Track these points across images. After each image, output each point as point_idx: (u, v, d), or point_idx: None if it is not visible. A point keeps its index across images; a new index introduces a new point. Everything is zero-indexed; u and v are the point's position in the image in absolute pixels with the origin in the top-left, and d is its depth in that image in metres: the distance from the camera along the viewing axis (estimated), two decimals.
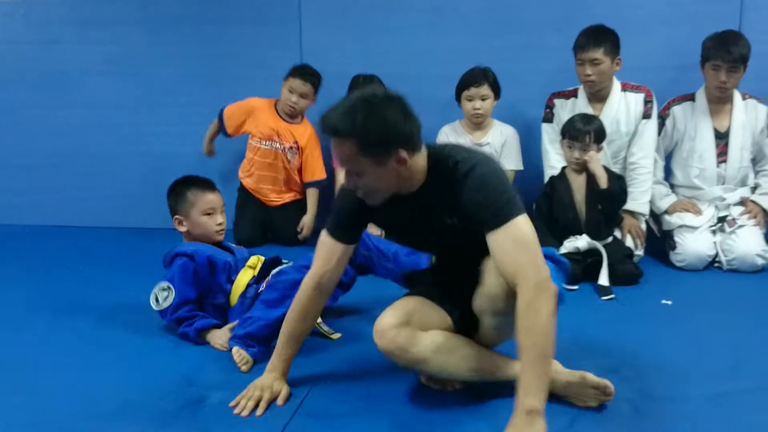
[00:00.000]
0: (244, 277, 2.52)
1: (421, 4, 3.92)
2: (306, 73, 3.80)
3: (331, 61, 3.97)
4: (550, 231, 3.24)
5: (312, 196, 3.95)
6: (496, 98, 3.61)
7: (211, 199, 2.58)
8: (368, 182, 1.85)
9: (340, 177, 3.81)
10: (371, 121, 1.76)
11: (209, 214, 2.57)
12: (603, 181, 3.13)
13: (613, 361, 2.19)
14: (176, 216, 2.59)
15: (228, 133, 3.93)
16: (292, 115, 3.87)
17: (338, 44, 3.99)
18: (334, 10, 4.00)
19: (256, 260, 2.60)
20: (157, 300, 2.45)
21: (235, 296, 2.51)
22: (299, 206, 3.96)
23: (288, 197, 3.97)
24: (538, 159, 3.67)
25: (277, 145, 3.87)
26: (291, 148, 3.88)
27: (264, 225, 3.93)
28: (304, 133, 3.91)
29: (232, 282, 2.52)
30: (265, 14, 4.04)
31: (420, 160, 1.89)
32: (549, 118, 3.60)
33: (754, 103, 3.48)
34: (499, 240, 1.78)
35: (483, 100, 3.56)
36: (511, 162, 3.65)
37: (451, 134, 3.70)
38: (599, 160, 3.20)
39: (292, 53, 4.01)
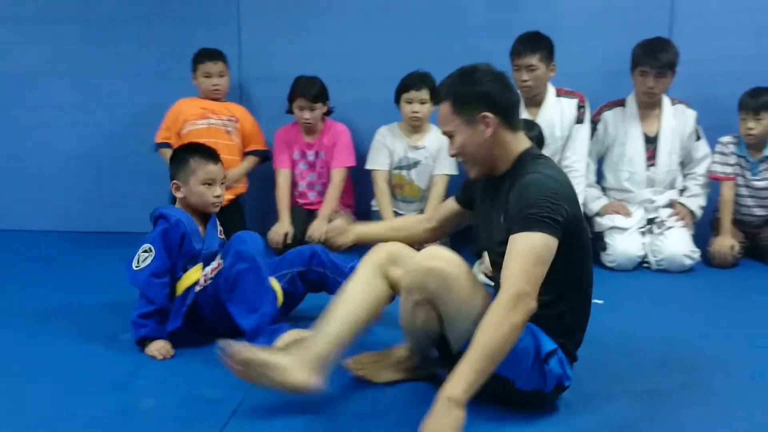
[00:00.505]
0: (194, 274, 2.47)
1: (363, 6, 3.92)
2: (212, 53, 3.75)
3: (270, 62, 3.95)
4: None
5: (249, 159, 3.85)
6: (435, 103, 3.65)
7: (212, 169, 2.52)
8: (460, 142, 1.96)
9: (281, 179, 3.82)
10: (466, 83, 1.94)
11: (208, 184, 2.51)
12: None
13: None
14: (174, 181, 2.54)
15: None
16: (218, 99, 3.80)
17: (278, 45, 3.96)
18: (273, 10, 3.96)
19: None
20: (138, 261, 2.40)
21: (180, 288, 2.44)
22: (240, 205, 3.91)
23: (230, 194, 3.89)
24: None
25: (214, 120, 3.77)
26: (230, 120, 3.79)
27: None
28: (238, 107, 3.85)
29: (185, 270, 2.47)
30: (204, 15, 3.98)
31: (513, 142, 1.96)
32: None
33: (682, 107, 3.60)
34: (511, 243, 1.80)
35: (422, 103, 3.59)
36: (446, 167, 3.68)
37: (388, 136, 3.72)
38: None
39: (230, 54, 3.95)
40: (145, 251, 2.40)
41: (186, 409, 1.99)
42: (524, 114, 3.49)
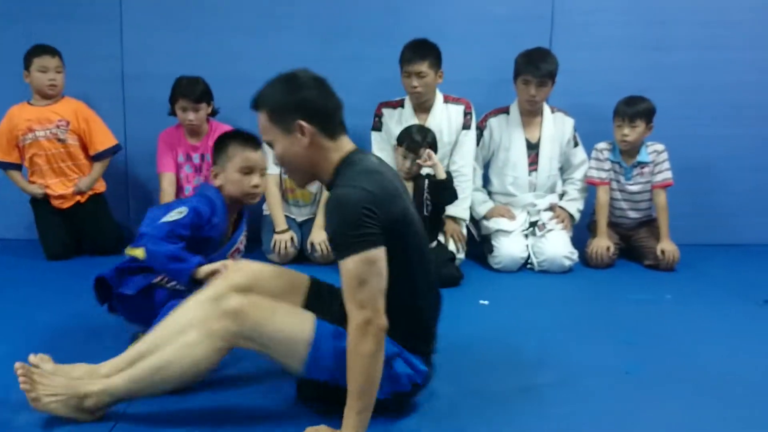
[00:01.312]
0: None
1: (249, 8, 3.88)
2: (50, 48, 3.58)
3: (153, 62, 3.85)
4: None
5: (97, 167, 3.73)
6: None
7: (250, 156, 2.43)
8: (279, 152, 1.91)
9: (165, 183, 3.70)
10: (282, 91, 1.87)
11: (246, 173, 2.42)
12: (441, 172, 3.28)
13: (433, 360, 2.29)
14: (213, 167, 2.47)
15: (22, 163, 3.67)
16: (53, 96, 3.63)
17: (161, 45, 3.86)
18: (156, 9, 3.86)
19: None
20: (171, 215, 2.30)
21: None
22: (104, 207, 3.78)
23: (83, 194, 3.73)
24: None
25: (40, 133, 3.60)
26: (58, 126, 3.61)
27: (72, 234, 3.67)
28: (67, 107, 3.67)
29: None
30: (85, 12, 3.83)
31: (333, 150, 1.90)
32: (378, 127, 3.69)
33: (561, 115, 3.76)
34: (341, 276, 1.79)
35: None
36: None
37: None
38: (435, 156, 3.31)
39: (112, 53, 3.85)
40: (179, 212, 2.32)
41: (63, 423, 1.90)
42: (414, 120, 3.56)
